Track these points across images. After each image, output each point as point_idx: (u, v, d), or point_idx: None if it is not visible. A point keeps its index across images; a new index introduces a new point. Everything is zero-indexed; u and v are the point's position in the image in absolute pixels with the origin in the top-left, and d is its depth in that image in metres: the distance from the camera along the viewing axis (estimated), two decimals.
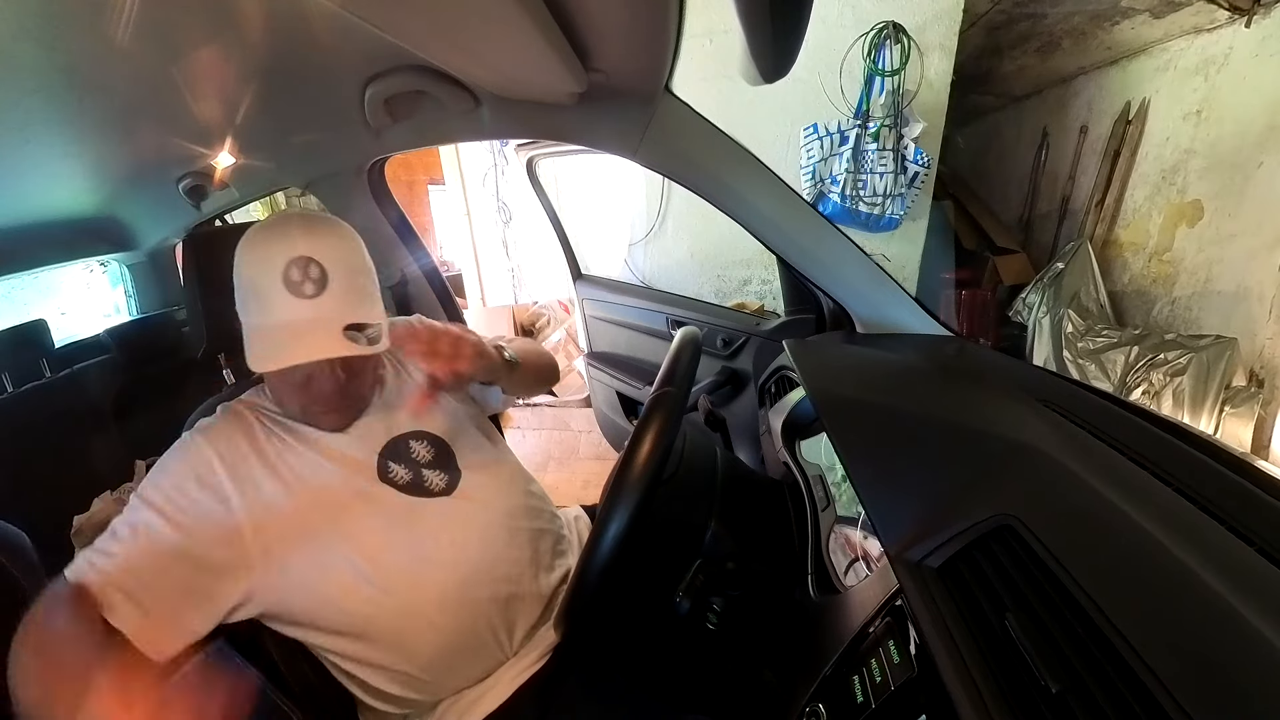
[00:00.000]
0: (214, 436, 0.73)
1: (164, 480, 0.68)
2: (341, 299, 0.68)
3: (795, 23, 0.52)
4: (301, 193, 3.79)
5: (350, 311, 0.69)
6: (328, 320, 0.67)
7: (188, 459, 0.70)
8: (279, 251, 0.67)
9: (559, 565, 0.87)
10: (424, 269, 1.45)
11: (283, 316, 0.67)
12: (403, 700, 0.76)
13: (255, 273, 0.68)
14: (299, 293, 0.66)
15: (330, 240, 0.70)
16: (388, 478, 0.77)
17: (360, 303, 0.71)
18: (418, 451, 0.81)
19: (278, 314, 0.67)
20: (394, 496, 0.76)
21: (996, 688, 0.38)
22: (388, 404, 0.83)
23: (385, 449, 0.79)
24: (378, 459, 0.78)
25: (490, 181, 3.28)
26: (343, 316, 0.68)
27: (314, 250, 0.67)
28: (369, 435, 0.79)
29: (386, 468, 0.77)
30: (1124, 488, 0.51)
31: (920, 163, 2.42)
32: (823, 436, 0.92)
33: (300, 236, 0.67)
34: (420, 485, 0.78)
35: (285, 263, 0.66)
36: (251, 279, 0.69)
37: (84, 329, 2.09)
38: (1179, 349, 2.33)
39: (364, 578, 0.71)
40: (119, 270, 2.00)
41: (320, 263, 0.67)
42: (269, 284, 0.66)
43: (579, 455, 2.85)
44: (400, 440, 0.80)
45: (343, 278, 0.69)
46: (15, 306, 2.55)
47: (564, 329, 3.15)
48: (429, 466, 0.80)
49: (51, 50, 0.70)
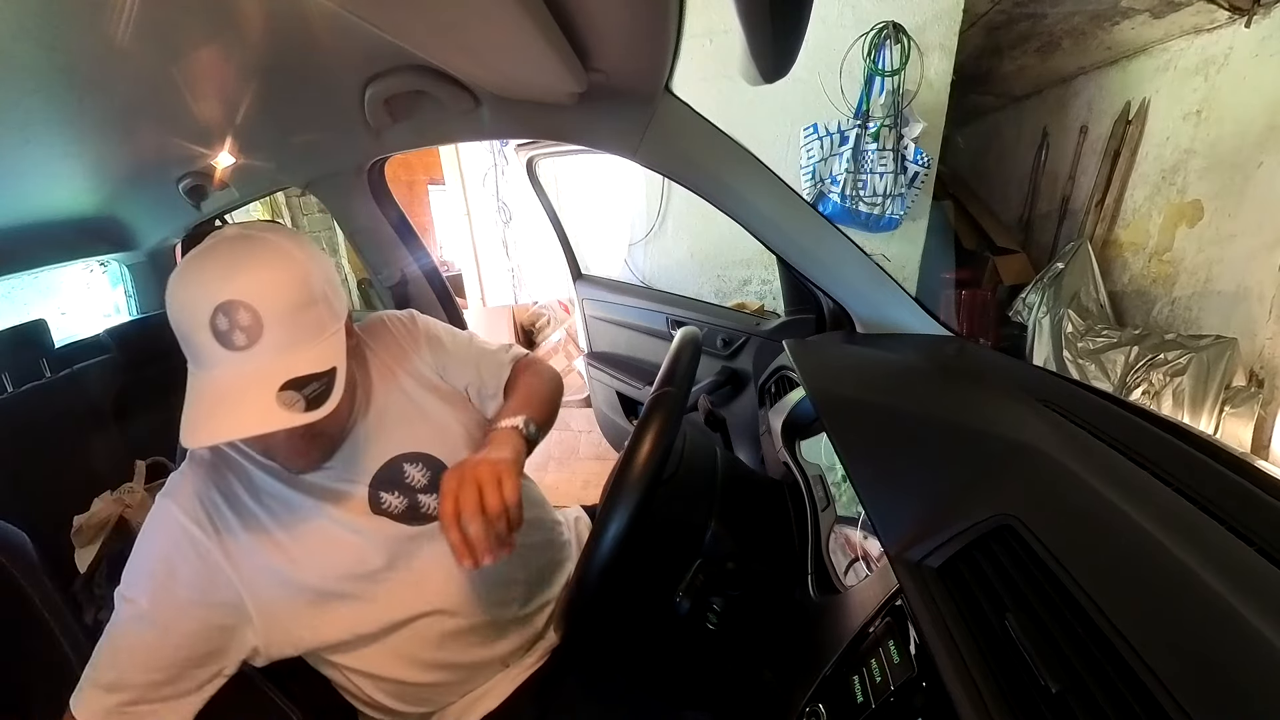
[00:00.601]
0: (185, 498, 0.67)
1: (145, 564, 0.64)
2: (279, 348, 0.58)
3: (795, 23, 0.52)
4: (301, 193, 3.78)
5: (290, 362, 0.58)
6: (260, 379, 0.57)
7: (165, 534, 0.65)
8: (203, 295, 0.56)
9: (558, 579, 0.87)
10: (424, 269, 1.45)
11: (212, 372, 0.57)
12: (401, 714, 0.76)
13: (180, 319, 0.58)
14: (228, 344, 0.56)
15: (264, 276, 0.58)
16: (381, 509, 0.72)
17: (305, 345, 0.60)
18: (412, 476, 0.74)
19: (207, 367, 0.58)
20: (390, 528, 0.72)
21: (996, 688, 0.38)
22: (378, 425, 0.75)
23: (376, 478, 0.72)
24: (369, 490, 0.72)
25: (490, 181, 3.28)
26: (279, 372, 0.57)
27: (244, 292, 0.56)
28: (356, 465, 0.72)
29: (379, 499, 0.72)
30: (1124, 488, 0.51)
31: (920, 163, 2.42)
32: (823, 436, 0.92)
33: (226, 277, 0.57)
34: (416, 512, 0.73)
35: (211, 309, 0.56)
36: (177, 325, 0.58)
37: (84, 329, 2.09)
38: (1179, 349, 2.33)
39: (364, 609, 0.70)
40: (119, 270, 2.00)
41: (252, 306, 0.56)
42: (195, 333, 0.57)
43: (579, 455, 2.85)
44: (394, 464, 0.74)
45: (281, 319, 0.58)
46: (15, 306, 2.55)
47: (564, 329, 3.15)
48: (425, 491, 0.74)
49: (51, 50, 0.70)
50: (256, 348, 0.57)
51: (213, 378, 0.57)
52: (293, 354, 0.59)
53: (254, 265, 0.59)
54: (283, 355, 0.58)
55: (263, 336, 0.57)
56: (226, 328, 0.56)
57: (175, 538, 0.64)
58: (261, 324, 0.57)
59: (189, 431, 0.56)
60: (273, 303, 0.58)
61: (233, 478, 0.69)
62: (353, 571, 0.69)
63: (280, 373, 0.58)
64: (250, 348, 0.57)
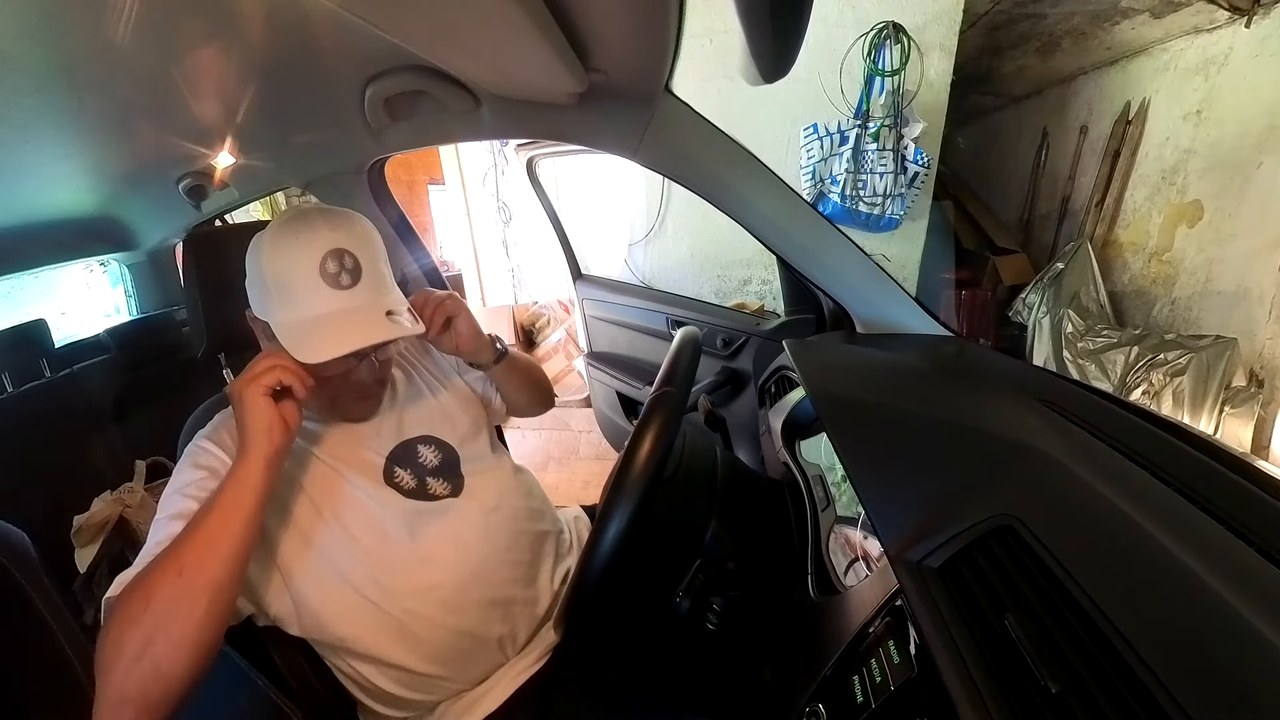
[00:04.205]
0: (221, 436, 0.73)
1: (180, 485, 0.68)
2: (375, 286, 0.70)
3: (795, 23, 0.52)
4: (301, 193, 3.79)
5: (384, 298, 0.71)
6: (369, 307, 0.69)
7: (199, 462, 0.70)
8: (312, 245, 0.67)
9: (560, 568, 0.87)
10: (424, 269, 1.45)
11: (323, 309, 0.67)
12: (403, 701, 0.76)
13: (284, 268, 0.68)
14: (337, 284, 0.67)
15: (356, 230, 0.71)
16: (393, 481, 0.77)
17: (390, 289, 0.73)
18: (425, 456, 0.81)
19: (317, 307, 0.67)
20: (398, 501, 0.76)
21: (996, 688, 0.38)
22: (399, 406, 0.84)
23: (393, 453, 0.79)
24: (385, 462, 0.78)
25: (490, 181, 3.28)
26: (383, 303, 0.70)
27: (345, 242, 0.68)
28: (379, 437, 0.79)
29: (392, 472, 0.77)
30: (1124, 488, 0.51)
31: (920, 163, 2.42)
32: (823, 436, 0.92)
33: (329, 229, 0.68)
34: (424, 491, 0.78)
35: (321, 256, 0.67)
36: (280, 275, 0.68)
37: (84, 329, 2.09)
38: (1179, 349, 2.33)
39: (368, 580, 0.72)
40: (119, 270, 2.01)
41: (353, 253, 0.68)
42: (303, 278, 0.67)
43: (579, 455, 2.86)
44: (409, 444, 0.81)
45: (371, 266, 0.70)
46: (15, 306, 2.55)
47: (564, 329, 3.15)
48: (433, 474, 0.80)
49: (51, 50, 0.70)
50: (359, 286, 0.69)
51: (325, 314, 0.67)
52: (384, 294, 0.72)
53: (348, 223, 0.71)
54: (380, 292, 0.71)
55: (362, 277, 0.69)
56: (335, 270, 0.67)
57: (208, 461, 0.70)
58: (360, 268, 0.69)
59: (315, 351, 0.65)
60: (366, 251, 0.70)
61: None
62: (365, 530, 0.73)
63: (383, 303, 0.70)
64: (354, 286, 0.69)
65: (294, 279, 0.68)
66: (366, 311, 0.69)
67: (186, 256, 0.93)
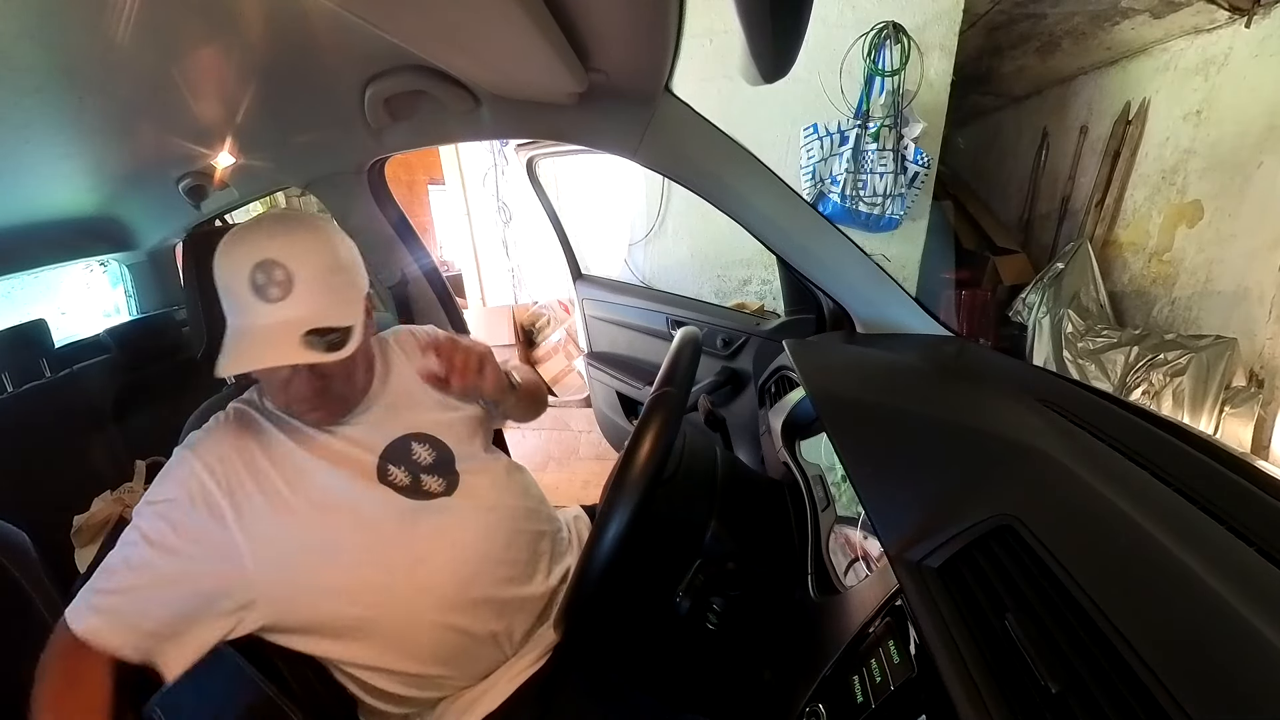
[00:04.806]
0: (205, 451, 0.72)
1: (157, 505, 0.68)
2: (308, 302, 0.67)
3: (795, 23, 0.52)
4: (301, 193, 3.79)
5: (317, 315, 0.68)
6: (288, 325, 0.66)
7: (180, 480, 0.70)
8: (245, 255, 0.67)
9: (558, 567, 0.87)
10: (424, 269, 1.45)
11: (248, 320, 0.67)
12: (403, 699, 0.76)
13: (223, 275, 0.68)
14: (263, 296, 0.66)
15: (300, 242, 0.68)
16: (386, 479, 0.76)
17: (331, 305, 0.69)
18: (419, 454, 0.80)
19: (245, 317, 0.67)
20: (392, 499, 0.75)
21: (996, 688, 0.38)
22: (393, 403, 0.83)
23: (387, 451, 0.78)
24: (378, 460, 0.77)
25: (490, 181, 3.28)
26: (305, 321, 0.67)
27: (280, 253, 0.66)
28: (371, 435, 0.79)
29: (386, 470, 0.77)
30: (1124, 488, 0.51)
31: (920, 163, 2.42)
32: (823, 436, 0.92)
33: (267, 240, 0.67)
34: (418, 488, 0.78)
35: (251, 266, 0.66)
36: (221, 281, 0.69)
37: (84, 329, 2.09)
38: (1179, 349, 2.33)
39: (364, 581, 0.71)
40: (119, 270, 2.00)
41: (285, 266, 0.66)
42: (237, 288, 0.67)
43: (579, 455, 2.86)
44: (404, 441, 0.80)
45: (311, 280, 0.67)
46: (15, 306, 2.55)
47: (564, 329, 3.15)
48: (428, 471, 0.79)
49: (51, 50, 0.70)
50: (287, 300, 0.66)
51: (247, 325, 0.67)
52: (318, 309, 0.68)
53: (289, 233, 0.69)
54: (309, 309, 0.68)
55: (293, 291, 0.66)
56: (263, 282, 0.66)
57: (187, 485, 0.69)
58: (292, 281, 0.66)
59: (222, 362, 0.66)
60: (302, 264, 0.67)
61: (251, 439, 0.74)
62: (355, 532, 0.72)
63: (306, 321, 0.67)
64: (282, 300, 0.66)
65: (230, 287, 0.68)
66: (279, 330, 0.66)
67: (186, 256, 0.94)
